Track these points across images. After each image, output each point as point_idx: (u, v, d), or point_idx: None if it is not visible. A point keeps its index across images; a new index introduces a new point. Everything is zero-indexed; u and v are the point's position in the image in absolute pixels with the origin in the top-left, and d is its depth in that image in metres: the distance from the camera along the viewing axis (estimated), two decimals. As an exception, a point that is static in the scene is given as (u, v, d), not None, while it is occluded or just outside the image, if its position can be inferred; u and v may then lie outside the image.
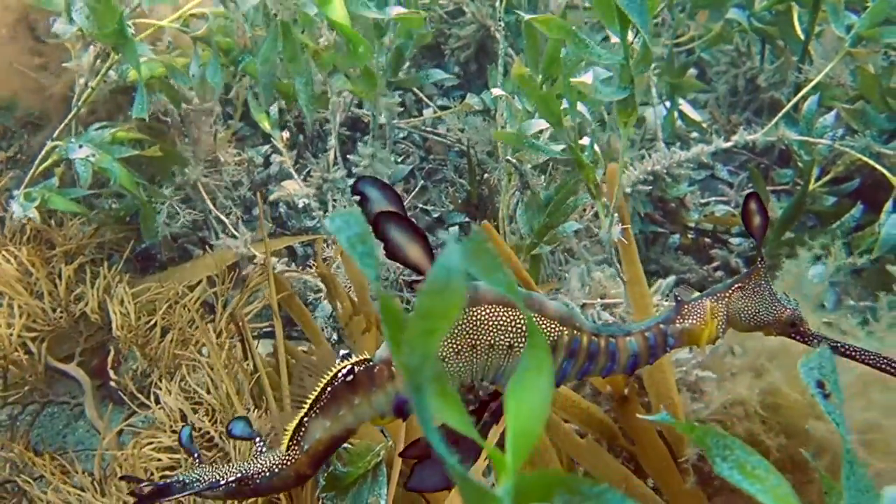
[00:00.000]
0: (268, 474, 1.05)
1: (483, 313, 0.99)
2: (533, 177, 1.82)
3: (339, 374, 1.00)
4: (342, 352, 1.01)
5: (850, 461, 0.62)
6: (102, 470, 1.59)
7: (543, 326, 1.00)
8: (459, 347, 0.99)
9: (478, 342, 0.99)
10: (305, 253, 2.10)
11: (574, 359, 1.03)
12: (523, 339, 1.00)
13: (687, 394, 1.42)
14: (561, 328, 1.01)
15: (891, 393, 1.34)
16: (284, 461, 1.04)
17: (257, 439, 1.12)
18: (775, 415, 1.35)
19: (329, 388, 1.00)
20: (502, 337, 0.99)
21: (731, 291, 1.13)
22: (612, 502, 0.48)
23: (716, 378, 1.40)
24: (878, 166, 1.99)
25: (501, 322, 0.99)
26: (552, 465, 1.44)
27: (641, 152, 2.19)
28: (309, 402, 1.01)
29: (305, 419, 1.01)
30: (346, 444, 1.19)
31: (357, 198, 0.96)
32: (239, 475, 1.06)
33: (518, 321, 0.99)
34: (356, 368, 0.99)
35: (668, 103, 2.52)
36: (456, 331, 0.98)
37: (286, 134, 2.34)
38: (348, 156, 2.25)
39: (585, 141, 1.60)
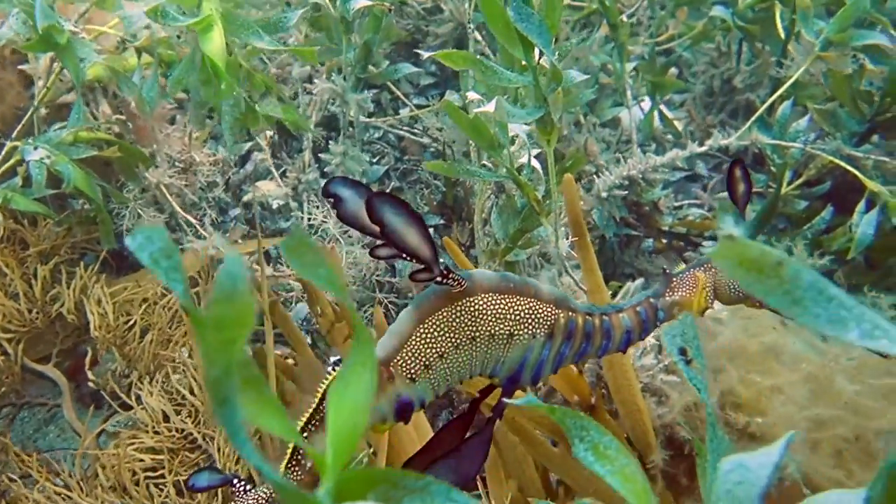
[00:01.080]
0: None
1: (480, 303, 0.99)
2: (508, 181, 1.90)
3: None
4: (333, 358, 0.98)
5: (712, 424, 0.67)
6: (83, 471, 1.67)
7: (541, 310, 1.02)
8: (459, 341, 0.99)
9: (478, 334, 0.99)
10: (279, 255, 2.18)
11: (571, 341, 1.05)
12: (523, 328, 1.01)
13: (652, 399, 1.49)
14: (557, 311, 1.03)
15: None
16: None
17: (234, 480, 1.02)
18: (735, 414, 1.44)
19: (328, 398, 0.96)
20: (502, 326, 1.00)
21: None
22: (437, 494, 0.49)
23: (680, 381, 1.49)
24: (850, 168, 2.09)
25: (500, 310, 0.99)
26: (529, 472, 1.52)
27: (616, 155, 2.29)
28: (306, 416, 0.95)
29: (304, 435, 0.95)
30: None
31: (331, 200, 0.94)
32: None
33: (517, 308, 1.00)
34: None
35: (642, 104, 2.63)
36: (454, 324, 0.98)
37: (270, 132, 2.40)
38: (320, 154, 2.32)
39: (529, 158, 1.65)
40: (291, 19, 1.81)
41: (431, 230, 2.32)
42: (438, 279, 0.95)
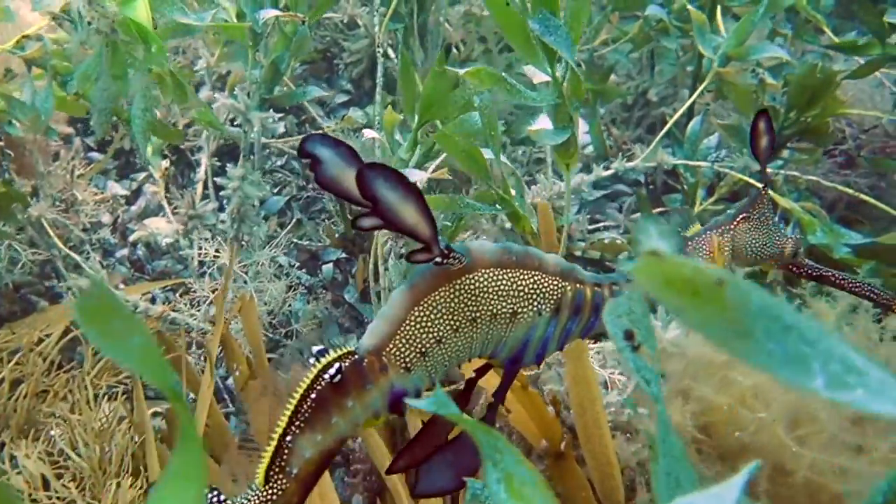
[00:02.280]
0: None
1: (481, 280, 0.94)
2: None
3: (323, 376, 0.89)
4: (315, 348, 0.92)
5: (664, 423, 0.61)
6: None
7: (546, 284, 0.98)
8: (459, 324, 0.94)
9: (479, 314, 0.94)
10: (166, 298, 2.13)
11: (579, 315, 1.01)
12: (528, 304, 0.97)
13: (622, 436, 1.44)
14: (563, 284, 0.99)
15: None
16: (268, 496, 0.90)
17: (206, 493, 0.94)
18: (709, 435, 1.40)
19: (313, 395, 0.89)
20: (505, 304, 0.95)
21: (736, 223, 1.13)
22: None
23: (646, 413, 1.41)
24: (758, 185, 2.10)
25: (502, 287, 0.95)
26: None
27: (525, 178, 2.29)
28: (286, 417, 0.90)
29: (288, 438, 0.89)
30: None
31: (307, 161, 0.87)
32: None
33: (520, 283, 0.96)
34: (342, 366, 0.90)
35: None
36: (453, 305, 0.93)
37: (165, 163, 2.34)
38: (216, 179, 2.28)
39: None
40: (205, 18, 1.79)
41: (330, 266, 2.29)
42: (439, 260, 0.89)
